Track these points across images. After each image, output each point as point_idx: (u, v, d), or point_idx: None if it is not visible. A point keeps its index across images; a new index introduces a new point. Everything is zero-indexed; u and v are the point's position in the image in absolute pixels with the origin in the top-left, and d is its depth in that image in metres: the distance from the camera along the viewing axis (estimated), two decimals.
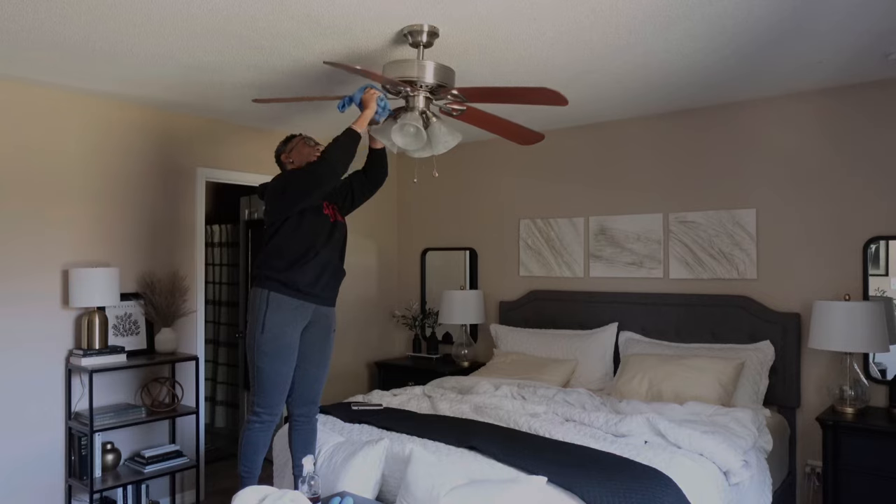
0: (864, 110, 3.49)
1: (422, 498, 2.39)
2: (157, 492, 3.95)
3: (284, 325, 2.78)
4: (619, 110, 4.10)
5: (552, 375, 4.03)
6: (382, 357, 5.36)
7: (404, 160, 5.47)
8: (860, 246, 3.49)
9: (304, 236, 2.82)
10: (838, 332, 3.21)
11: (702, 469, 2.67)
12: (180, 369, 4.07)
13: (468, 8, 2.45)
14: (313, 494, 2.32)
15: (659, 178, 4.19)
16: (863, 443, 3.12)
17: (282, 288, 2.79)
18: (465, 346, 4.83)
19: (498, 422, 3.16)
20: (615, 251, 4.36)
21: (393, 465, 2.75)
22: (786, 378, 3.63)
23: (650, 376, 3.66)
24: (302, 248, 2.82)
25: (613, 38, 2.79)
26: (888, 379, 3.39)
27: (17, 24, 2.60)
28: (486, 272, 5.03)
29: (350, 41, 2.78)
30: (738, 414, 3.18)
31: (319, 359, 2.97)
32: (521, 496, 2.25)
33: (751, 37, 2.78)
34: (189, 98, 3.77)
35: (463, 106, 2.79)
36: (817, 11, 2.51)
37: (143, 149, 3.96)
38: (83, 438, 3.48)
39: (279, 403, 2.86)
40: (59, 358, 3.58)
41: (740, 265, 3.85)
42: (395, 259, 5.59)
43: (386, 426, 3.13)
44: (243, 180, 4.49)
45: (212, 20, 2.56)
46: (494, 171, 4.98)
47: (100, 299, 3.50)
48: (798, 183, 3.69)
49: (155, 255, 4.00)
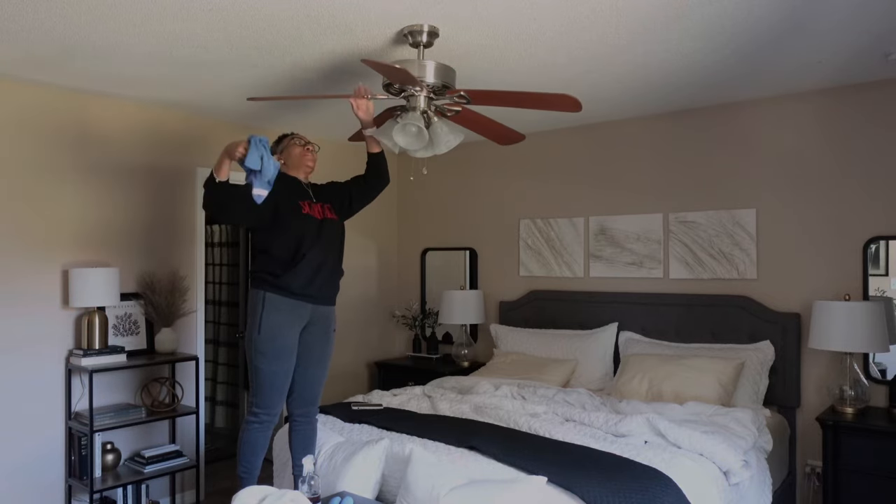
0: (864, 110, 3.48)
1: (422, 498, 2.39)
2: (157, 492, 3.95)
3: (281, 326, 2.78)
4: (619, 110, 4.10)
5: (552, 375, 4.03)
6: (382, 357, 5.36)
7: (403, 160, 5.47)
8: (860, 246, 3.49)
9: (288, 239, 2.81)
10: (838, 332, 3.21)
11: (702, 469, 2.67)
12: (180, 369, 4.07)
13: (468, 8, 2.45)
14: (313, 494, 2.32)
15: (659, 178, 4.19)
16: (863, 443, 3.12)
17: (277, 290, 2.78)
18: (465, 346, 4.82)
19: (498, 422, 3.16)
20: (615, 251, 4.36)
21: (393, 465, 2.75)
22: (786, 378, 3.63)
23: (650, 376, 3.66)
24: (289, 251, 2.81)
25: (613, 38, 2.79)
26: (888, 379, 3.39)
27: (18, 25, 2.60)
28: (486, 272, 5.03)
29: (350, 41, 2.78)
30: (738, 414, 3.18)
31: (319, 359, 2.97)
32: (521, 496, 2.24)
33: (750, 37, 2.78)
34: (189, 98, 3.77)
35: (459, 107, 2.79)
36: (817, 11, 2.51)
37: (143, 149, 3.95)
38: (83, 438, 3.48)
39: (278, 404, 2.86)
40: (59, 358, 3.58)
41: (740, 265, 3.85)
42: (395, 259, 5.59)
43: (386, 426, 3.13)
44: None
45: (212, 20, 2.56)
46: (494, 171, 4.98)
47: (100, 299, 3.49)
48: (798, 183, 3.69)
49: (155, 255, 4.00)
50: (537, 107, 2.69)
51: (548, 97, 2.59)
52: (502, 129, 3.02)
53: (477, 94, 2.68)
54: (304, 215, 2.88)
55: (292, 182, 2.95)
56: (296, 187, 2.94)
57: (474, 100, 2.72)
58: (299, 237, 2.83)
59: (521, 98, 2.67)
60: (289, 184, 2.92)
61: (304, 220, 2.87)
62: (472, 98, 2.71)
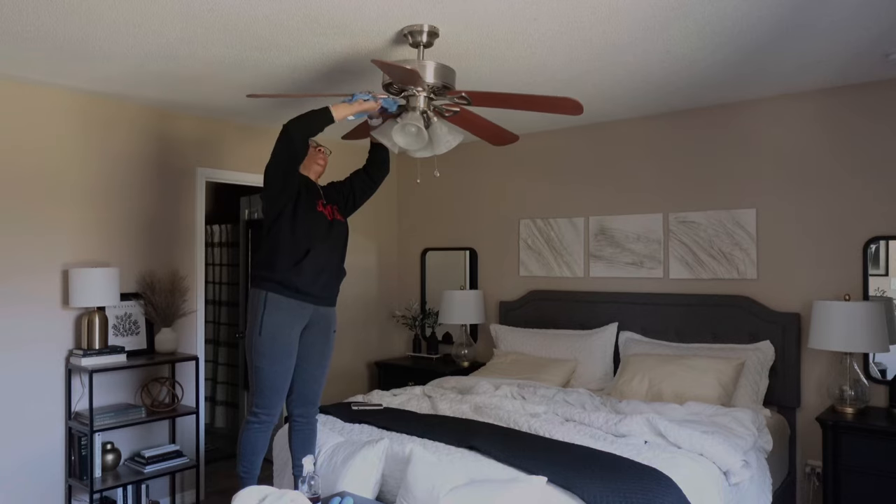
0: (864, 110, 3.48)
1: (422, 498, 2.39)
2: (157, 492, 3.95)
3: (282, 326, 2.78)
4: (619, 110, 4.10)
5: (552, 375, 4.03)
6: (382, 357, 5.36)
7: (405, 160, 5.47)
8: (860, 246, 3.49)
9: (299, 236, 2.81)
10: (838, 332, 3.21)
11: (702, 469, 2.67)
12: (180, 369, 4.07)
13: (468, 8, 2.45)
14: (313, 494, 2.32)
15: (659, 178, 4.19)
16: (863, 443, 3.12)
17: (279, 289, 2.78)
18: (465, 346, 4.82)
19: (498, 422, 3.16)
20: (615, 251, 4.36)
21: (393, 465, 2.75)
22: (786, 378, 3.63)
23: (650, 376, 3.66)
24: (298, 247, 2.80)
25: (613, 38, 2.79)
26: (888, 379, 3.39)
27: (19, 25, 2.60)
28: (486, 272, 5.03)
29: (350, 41, 2.78)
30: (738, 414, 3.18)
31: (319, 359, 2.97)
32: (521, 496, 2.24)
33: (750, 37, 2.78)
34: (189, 98, 3.77)
35: (457, 107, 2.79)
36: (817, 11, 2.51)
37: (143, 149, 3.96)
38: (83, 438, 3.48)
39: (277, 404, 2.85)
40: (59, 358, 3.58)
41: (740, 265, 3.85)
42: (395, 259, 5.59)
43: (386, 426, 3.13)
44: (243, 180, 4.49)
45: (212, 20, 2.56)
46: (494, 171, 4.98)
47: (100, 299, 3.49)
48: (798, 183, 3.69)
49: (155, 255, 4.00)
50: (539, 109, 2.69)
51: (550, 100, 2.59)
52: (496, 130, 3.02)
53: (478, 95, 2.68)
54: (318, 212, 2.90)
55: (308, 180, 2.97)
56: (312, 185, 2.97)
57: (476, 101, 2.72)
58: (310, 234, 2.83)
59: (523, 101, 2.66)
60: (307, 181, 2.95)
61: (318, 217, 2.89)
62: (474, 100, 2.71)
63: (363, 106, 2.67)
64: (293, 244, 2.80)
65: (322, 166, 3.04)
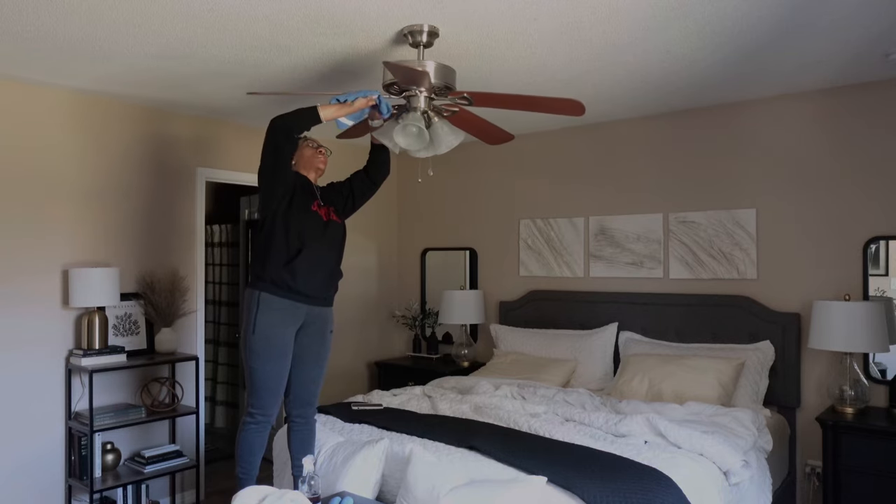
0: (864, 110, 3.48)
1: (422, 498, 2.39)
2: (157, 492, 3.95)
3: (275, 326, 2.77)
4: (619, 110, 4.10)
5: (552, 375, 4.03)
6: (382, 357, 5.36)
7: (405, 160, 5.47)
8: (860, 246, 3.49)
9: (293, 235, 2.80)
10: (838, 332, 3.21)
11: (702, 469, 2.67)
12: (180, 369, 4.07)
13: (468, 8, 2.45)
14: (313, 494, 2.32)
15: (659, 178, 4.19)
16: (863, 443, 3.12)
17: (272, 289, 2.77)
18: (465, 346, 4.82)
19: (498, 422, 3.16)
20: (615, 251, 4.36)
21: (393, 465, 2.75)
22: (786, 378, 3.63)
23: (650, 376, 3.66)
24: (291, 247, 2.80)
25: (613, 38, 2.79)
26: (888, 379, 3.39)
27: (19, 25, 2.60)
28: (486, 272, 5.03)
29: (350, 41, 2.78)
30: (738, 414, 3.18)
31: (315, 360, 2.96)
32: (521, 496, 2.24)
33: (751, 37, 2.78)
34: (189, 98, 3.77)
35: (457, 107, 2.79)
36: (817, 11, 2.51)
37: (144, 149, 3.96)
38: (83, 438, 3.48)
39: (273, 404, 2.84)
40: (59, 358, 3.58)
41: (740, 265, 3.85)
42: (395, 259, 5.59)
43: (386, 426, 3.13)
44: (243, 180, 4.49)
45: (212, 20, 2.56)
46: (494, 171, 4.98)
47: (100, 299, 3.49)
48: (798, 183, 3.69)
49: (155, 255, 4.00)
50: (542, 110, 2.69)
51: (552, 101, 2.59)
52: (491, 129, 3.01)
53: (480, 96, 2.67)
54: (312, 212, 2.89)
55: (305, 180, 2.96)
56: (308, 185, 2.96)
57: (477, 102, 2.72)
58: (304, 234, 2.82)
59: (525, 102, 2.66)
60: (303, 181, 2.94)
61: (312, 217, 2.88)
62: (476, 100, 2.70)
63: (353, 107, 2.64)
64: (286, 243, 2.79)
65: (322, 169, 3.04)
